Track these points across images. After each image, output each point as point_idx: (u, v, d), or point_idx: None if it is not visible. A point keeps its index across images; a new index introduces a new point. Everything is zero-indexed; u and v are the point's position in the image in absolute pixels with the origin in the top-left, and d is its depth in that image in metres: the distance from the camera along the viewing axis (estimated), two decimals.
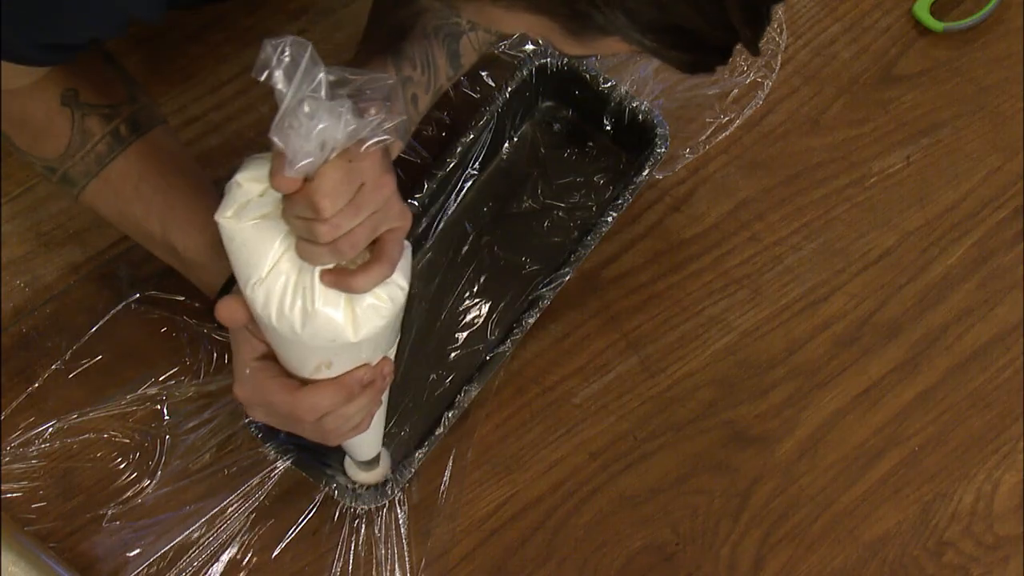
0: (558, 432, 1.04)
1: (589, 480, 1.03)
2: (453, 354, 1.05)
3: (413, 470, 0.98)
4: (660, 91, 1.11)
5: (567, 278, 1.02)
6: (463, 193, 1.09)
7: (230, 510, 1.00)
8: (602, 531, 1.02)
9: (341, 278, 0.75)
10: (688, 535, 1.03)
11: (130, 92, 0.93)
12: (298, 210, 0.72)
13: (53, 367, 1.03)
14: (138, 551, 0.99)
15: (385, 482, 0.97)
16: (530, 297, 1.05)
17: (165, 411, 1.03)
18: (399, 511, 1.00)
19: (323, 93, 0.68)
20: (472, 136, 1.06)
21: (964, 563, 1.03)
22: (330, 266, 0.76)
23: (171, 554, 0.99)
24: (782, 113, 1.14)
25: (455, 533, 1.01)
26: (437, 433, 0.99)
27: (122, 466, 1.01)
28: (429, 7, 0.90)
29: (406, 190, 1.05)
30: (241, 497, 1.00)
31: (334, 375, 0.82)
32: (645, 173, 1.04)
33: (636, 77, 1.11)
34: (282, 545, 1.00)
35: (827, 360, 1.07)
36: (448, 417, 0.99)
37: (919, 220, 1.12)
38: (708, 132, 1.12)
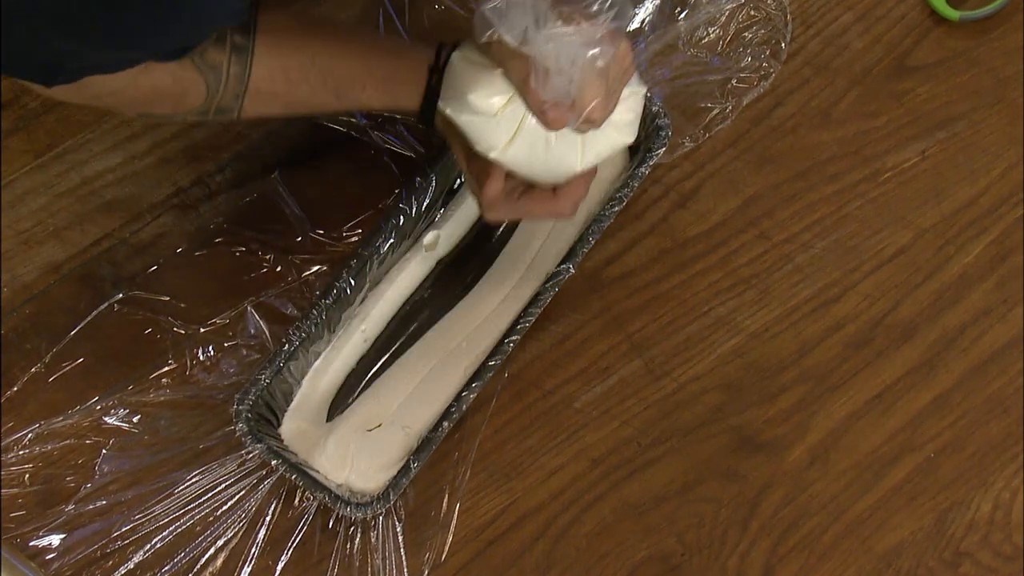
0: (559, 438, 1.05)
1: (591, 488, 1.04)
2: None
3: (410, 477, 0.99)
4: (659, 80, 1.11)
5: (568, 274, 1.03)
6: (460, 187, 1.09)
7: (218, 519, 1.01)
8: (604, 541, 1.03)
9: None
10: (694, 545, 1.03)
11: None
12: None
13: (33, 370, 1.04)
14: (123, 561, 1.00)
15: (383, 493, 0.99)
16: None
17: (149, 416, 1.03)
18: (395, 520, 1.01)
19: (559, 26, 0.77)
20: None
21: (982, 574, 1.04)
22: None
23: (157, 563, 1.00)
24: (792, 106, 1.14)
25: (452, 543, 1.02)
26: (434, 438, 1.00)
27: (105, 472, 1.02)
28: None
29: (400, 185, 1.07)
30: (230, 505, 1.01)
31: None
32: (647, 164, 1.05)
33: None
34: (274, 554, 1.01)
35: (839, 363, 1.08)
36: (445, 422, 1.00)
37: (935, 217, 1.12)
38: (707, 120, 1.12)
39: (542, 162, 0.89)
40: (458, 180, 1.09)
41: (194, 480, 1.02)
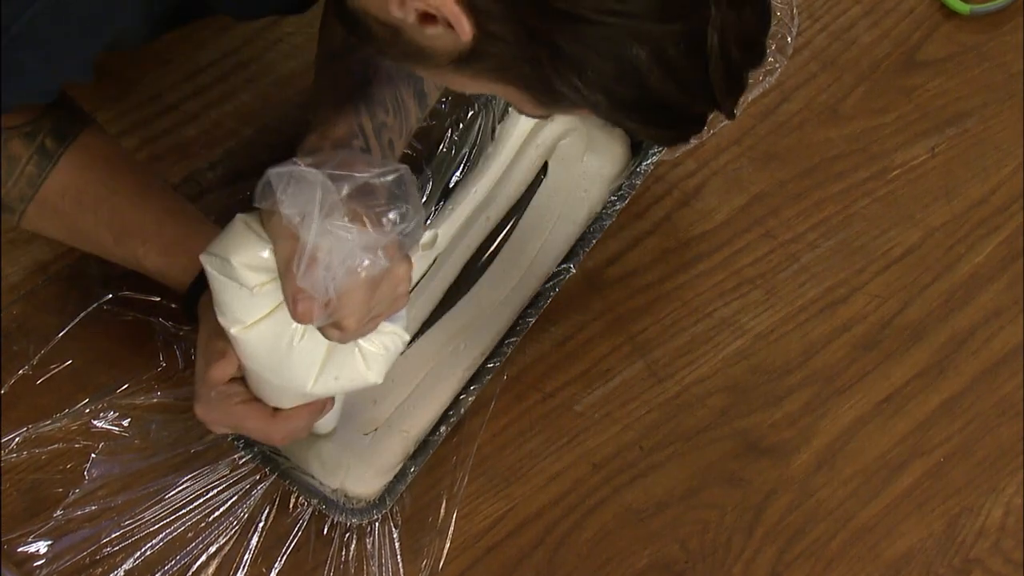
0: (559, 442, 1.04)
1: (592, 493, 1.03)
2: None
3: (406, 482, 0.98)
4: None
5: (569, 274, 1.02)
6: (457, 185, 1.08)
7: (210, 525, 1.00)
8: (606, 548, 1.02)
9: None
10: (698, 552, 1.03)
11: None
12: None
13: (20, 372, 1.03)
14: (112, 568, 0.99)
15: (379, 498, 0.98)
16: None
17: (139, 419, 1.02)
18: (392, 526, 1.00)
19: (342, 222, 0.74)
20: (462, 127, 1.07)
21: None
22: None
23: (147, 571, 0.99)
24: (798, 101, 1.14)
25: (449, 549, 1.01)
26: (431, 442, 0.99)
27: (94, 476, 1.01)
28: None
29: None
30: (222, 511, 1.00)
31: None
32: (649, 161, 1.04)
33: None
34: (267, 562, 1.00)
35: (846, 365, 1.07)
36: (443, 426, 0.99)
37: (945, 215, 1.12)
38: (711, 115, 1.12)
39: (279, 362, 0.84)
40: (455, 177, 1.08)
41: (185, 485, 1.01)
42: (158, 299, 1.04)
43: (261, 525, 1.00)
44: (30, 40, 0.74)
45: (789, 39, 1.13)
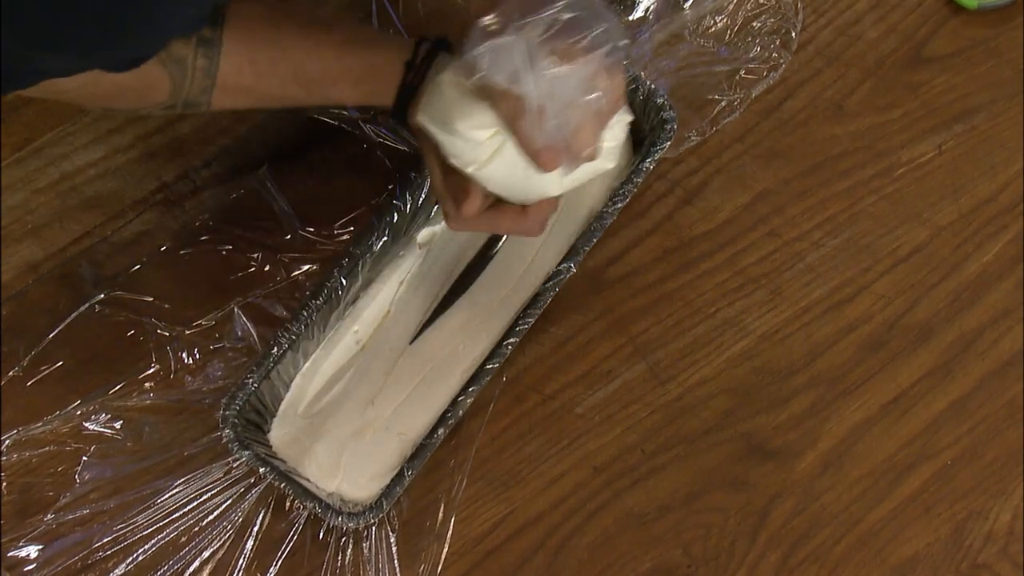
0: (560, 444, 1.04)
1: (593, 497, 1.03)
2: None
3: (404, 485, 0.97)
4: (664, 71, 1.11)
5: (569, 274, 1.01)
6: None
7: (204, 529, 1.00)
8: (607, 552, 1.02)
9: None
10: (701, 557, 1.02)
11: None
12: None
13: (10, 374, 1.02)
14: (104, 573, 0.99)
15: (376, 502, 0.98)
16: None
17: (132, 421, 1.02)
18: (389, 530, 1.00)
19: (550, 65, 0.77)
20: None
21: None
22: None
23: None
24: (803, 98, 1.13)
25: (448, 554, 1.01)
26: (429, 445, 0.99)
27: (86, 480, 1.01)
28: None
29: (394, 180, 1.05)
30: (216, 515, 1.00)
31: None
32: (651, 158, 1.04)
33: (638, 59, 1.10)
34: (262, 566, 1.00)
35: (852, 366, 1.07)
36: (441, 429, 0.99)
37: (952, 214, 1.11)
38: (714, 112, 1.11)
39: (521, 180, 0.87)
40: None
41: (179, 489, 1.01)
42: (150, 299, 1.04)
43: (256, 529, 1.00)
44: None
45: (793, 34, 1.13)
